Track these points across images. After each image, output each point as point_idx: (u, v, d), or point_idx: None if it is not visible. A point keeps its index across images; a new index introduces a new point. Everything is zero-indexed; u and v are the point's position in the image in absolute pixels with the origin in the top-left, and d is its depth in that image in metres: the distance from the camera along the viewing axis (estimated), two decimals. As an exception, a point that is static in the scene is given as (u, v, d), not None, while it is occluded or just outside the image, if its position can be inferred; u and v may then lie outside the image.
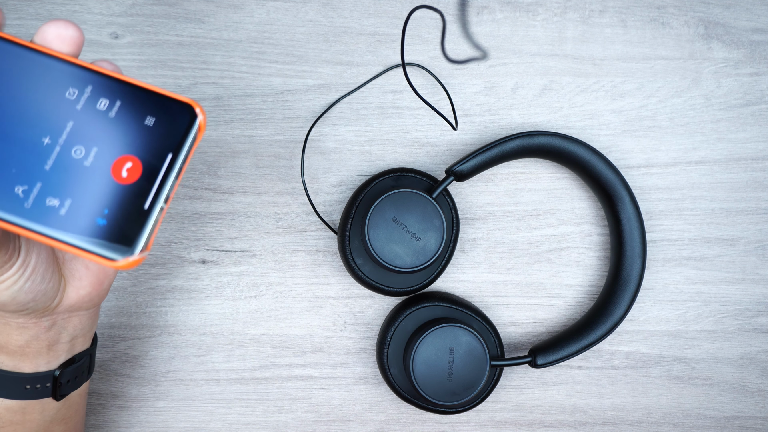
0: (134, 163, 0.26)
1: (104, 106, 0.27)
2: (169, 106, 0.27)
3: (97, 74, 0.27)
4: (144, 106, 0.27)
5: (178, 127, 0.27)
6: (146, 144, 0.26)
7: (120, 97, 0.27)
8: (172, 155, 0.26)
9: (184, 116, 0.27)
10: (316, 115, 0.51)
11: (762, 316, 0.52)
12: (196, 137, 0.27)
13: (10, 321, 0.34)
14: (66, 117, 0.27)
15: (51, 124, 0.26)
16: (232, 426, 0.51)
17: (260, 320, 0.51)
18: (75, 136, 0.26)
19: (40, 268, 0.31)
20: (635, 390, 0.52)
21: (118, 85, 0.27)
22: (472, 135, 0.52)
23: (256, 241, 0.51)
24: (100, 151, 0.26)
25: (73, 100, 0.27)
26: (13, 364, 0.36)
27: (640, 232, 0.48)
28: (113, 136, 0.26)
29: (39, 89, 0.27)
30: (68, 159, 0.26)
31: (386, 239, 0.45)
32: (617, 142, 0.52)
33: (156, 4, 0.51)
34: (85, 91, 0.27)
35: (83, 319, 0.37)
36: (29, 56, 0.27)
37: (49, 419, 0.38)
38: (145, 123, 0.27)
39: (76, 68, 0.27)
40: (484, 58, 0.52)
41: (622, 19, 0.52)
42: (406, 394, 0.48)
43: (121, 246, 0.25)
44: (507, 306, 0.52)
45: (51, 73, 0.27)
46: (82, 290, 0.35)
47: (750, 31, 0.52)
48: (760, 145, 0.52)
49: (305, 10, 0.51)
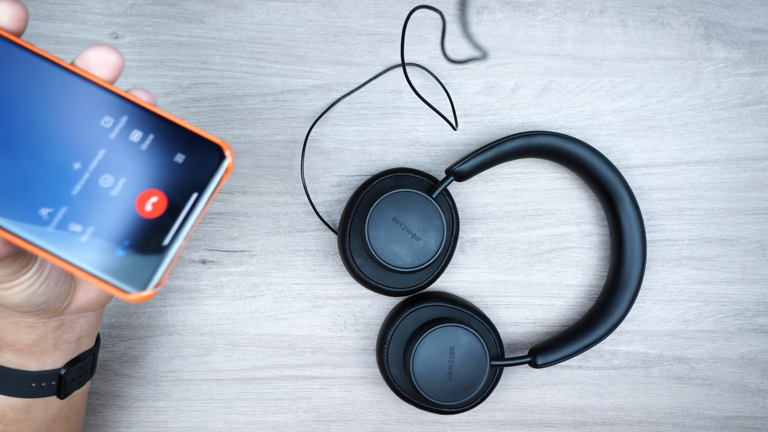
0: (160, 198, 0.26)
1: (137, 138, 0.27)
2: (199, 144, 0.27)
3: (133, 105, 0.27)
4: (175, 142, 0.27)
5: (207, 167, 0.27)
6: (173, 181, 0.26)
7: (153, 131, 0.27)
8: (198, 194, 0.26)
9: (213, 156, 0.27)
10: (316, 115, 0.51)
11: (762, 316, 0.52)
12: (223, 178, 0.27)
13: (19, 320, 0.34)
14: (99, 144, 0.27)
15: (83, 150, 0.26)
16: (232, 426, 0.51)
17: (260, 320, 0.51)
18: (105, 165, 0.26)
19: (54, 273, 0.32)
20: (635, 390, 0.52)
21: (153, 119, 0.27)
22: (472, 135, 0.52)
23: (256, 241, 0.51)
24: (128, 182, 0.26)
25: (107, 128, 0.27)
26: (20, 362, 0.36)
27: (640, 232, 0.48)
28: (142, 169, 0.26)
29: (75, 114, 0.27)
30: (96, 187, 0.26)
31: (386, 239, 0.45)
32: (617, 142, 0.52)
33: (156, 4, 0.51)
34: (120, 120, 0.27)
35: (90, 320, 0.38)
36: (70, 80, 0.27)
37: (52, 417, 0.39)
38: (175, 159, 0.27)
39: (114, 97, 0.27)
40: (484, 58, 0.52)
41: (622, 19, 0.52)
42: (406, 394, 0.48)
43: (136, 279, 0.25)
44: (507, 306, 0.52)
45: (89, 98, 0.27)
46: (91, 293, 0.36)
47: (750, 31, 0.52)
48: (760, 145, 0.52)
49: (305, 10, 0.51)
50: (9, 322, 0.35)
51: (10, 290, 0.31)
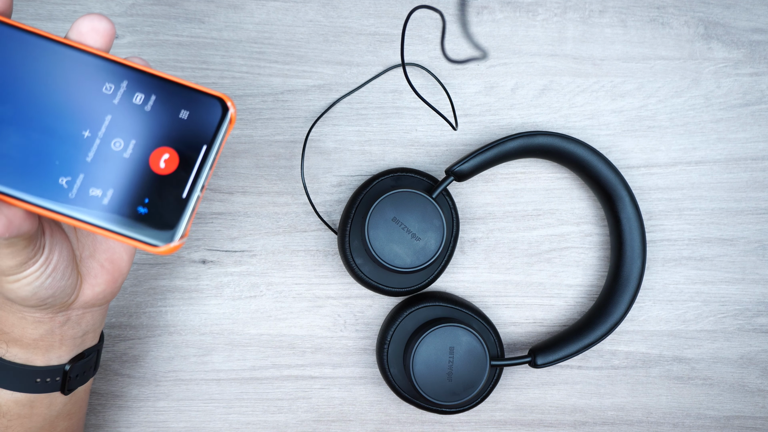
0: (171, 154, 0.28)
1: (140, 100, 0.28)
2: (201, 99, 0.28)
3: (131, 69, 0.28)
4: (178, 99, 0.28)
5: (211, 120, 0.28)
6: (181, 136, 0.28)
7: (154, 92, 0.28)
8: (207, 147, 0.28)
9: (216, 109, 0.28)
10: (316, 115, 0.51)
11: (762, 316, 0.52)
12: (228, 129, 0.28)
13: (26, 315, 0.35)
14: (104, 111, 0.28)
15: (90, 118, 0.28)
16: (232, 426, 0.51)
17: (260, 320, 0.51)
18: (113, 130, 0.28)
19: (61, 266, 0.32)
20: (635, 390, 0.52)
21: (152, 80, 0.28)
22: (472, 135, 0.52)
23: (256, 241, 0.51)
24: (138, 143, 0.28)
25: (109, 94, 0.28)
26: (26, 357, 0.37)
27: (640, 232, 0.48)
28: (150, 129, 0.28)
29: (77, 85, 0.28)
30: (108, 151, 0.27)
31: (386, 239, 0.45)
32: (617, 142, 0.52)
33: (156, 4, 0.51)
34: (121, 85, 0.28)
35: (95, 316, 0.38)
36: (67, 53, 0.28)
37: (55, 414, 0.39)
38: (180, 116, 0.28)
39: (111, 64, 0.28)
40: (484, 58, 0.52)
41: (622, 19, 0.52)
42: (406, 394, 0.48)
43: (162, 233, 0.27)
44: (507, 306, 0.52)
45: (88, 68, 0.28)
46: (97, 287, 0.36)
47: (750, 31, 0.52)
48: (760, 145, 0.52)
49: (305, 10, 0.51)
50: (16, 317, 0.35)
51: (17, 283, 0.31)
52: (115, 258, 0.36)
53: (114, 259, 0.36)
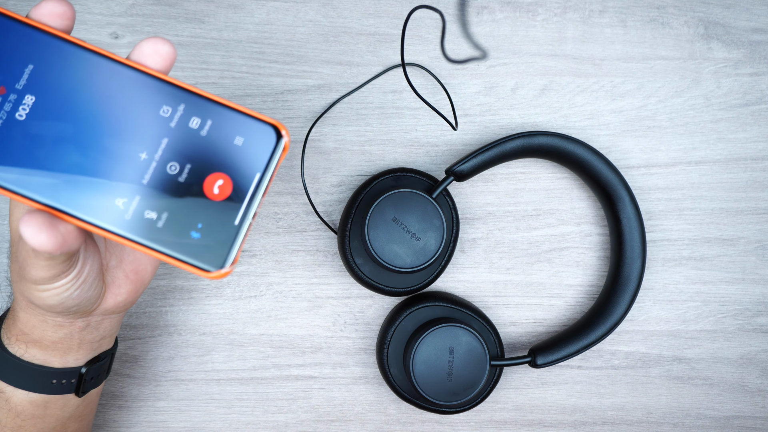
0: (225, 180, 0.28)
1: (196, 124, 0.28)
2: (256, 126, 0.28)
3: (188, 93, 0.28)
4: (233, 125, 0.28)
5: (266, 147, 0.28)
6: (236, 162, 0.28)
7: (210, 116, 0.28)
8: (260, 174, 0.28)
9: (270, 136, 0.28)
10: (316, 115, 0.51)
11: (762, 316, 0.52)
12: (281, 157, 0.28)
13: (48, 319, 0.35)
14: (161, 134, 0.28)
15: (147, 140, 0.28)
16: (232, 426, 0.51)
17: (260, 320, 0.51)
18: (169, 153, 0.28)
19: (90, 278, 0.33)
20: (635, 390, 0.52)
21: (209, 105, 0.28)
22: (472, 135, 0.52)
23: (256, 241, 0.51)
24: (193, 168, 0.28)
25: (167, 117, 0.28)
26: (44, 358, 0.37)
27: (640, 232, 0.48)
28: (205, 154, 0.28)
29: (136, 106, 0.28)
30: (164, 174, 0.28)
31: (386, 239, 0.45)
32: (617, 142, 0.52)
33: (156, 4, 0.51)
34: (178, 109, 0.28)
35: (113, 322, 0.39)
36: (127, 73, 0.28)
37: (67, 415, 0.40)
38: (234, 142, 0.28)
39: (169, 86, 0.28)
40: (484, 58, 0.52)
41: (622, 19, 0.52)
42: (406, 394, 0.48)
43: (213, 258, 0.27)
44: (507, 306, 0.52)
45: (147, 90, 0.28)
46: (119, 297, 0.37)
47: (750, 31, 0.52)
48: (760, 145, 0.52)
49: (305, 10, 0.51)
50: (38, 319, 0.36)
51: (46, 292, 0.32)
52: (140, 269, 0.37)
53: (139, 270, 0.37)
